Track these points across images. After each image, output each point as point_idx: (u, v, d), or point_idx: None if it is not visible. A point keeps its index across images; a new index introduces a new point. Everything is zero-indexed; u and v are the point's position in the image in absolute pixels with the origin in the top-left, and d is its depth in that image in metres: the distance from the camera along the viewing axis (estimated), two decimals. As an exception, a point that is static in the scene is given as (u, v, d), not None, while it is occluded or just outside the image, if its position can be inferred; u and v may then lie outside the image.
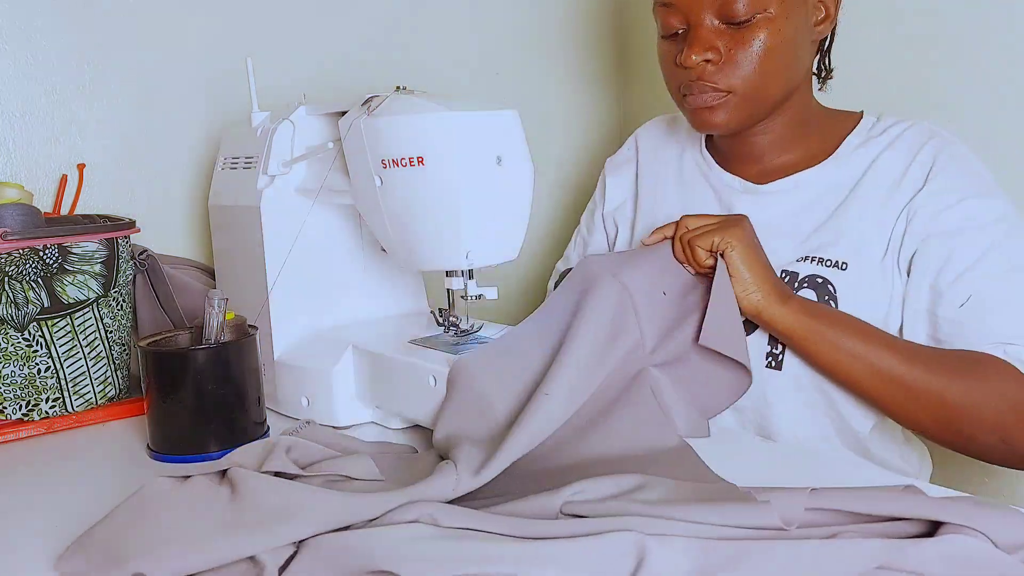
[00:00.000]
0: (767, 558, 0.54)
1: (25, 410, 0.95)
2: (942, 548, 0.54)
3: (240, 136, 1.03)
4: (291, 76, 1.25)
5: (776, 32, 0.95)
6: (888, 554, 0.53)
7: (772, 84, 0.97)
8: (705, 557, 0.55)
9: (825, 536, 0.57)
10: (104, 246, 0.98)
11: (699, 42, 0.95)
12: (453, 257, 0.84)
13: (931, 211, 0.93)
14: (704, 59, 0.95)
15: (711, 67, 0.96)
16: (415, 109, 0.83)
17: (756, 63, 0.95)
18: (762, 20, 0.94)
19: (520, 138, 0.86)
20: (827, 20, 1.00)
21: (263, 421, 0.89)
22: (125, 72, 1.16)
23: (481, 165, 0.83)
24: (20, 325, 0.94)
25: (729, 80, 0.96)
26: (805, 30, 0.98)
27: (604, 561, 0.55)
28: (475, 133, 0.83)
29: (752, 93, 0.97)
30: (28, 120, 1.11)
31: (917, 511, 0.57)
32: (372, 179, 0.86)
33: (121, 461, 0.87)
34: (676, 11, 0.97)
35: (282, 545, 0.61)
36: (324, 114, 0.98)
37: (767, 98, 0.98)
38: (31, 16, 1.10)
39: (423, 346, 0.88)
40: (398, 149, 0.83)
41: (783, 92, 0.99)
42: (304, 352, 0.95)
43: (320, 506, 0.63)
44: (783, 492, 0.61)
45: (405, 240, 0.87)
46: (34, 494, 0.79)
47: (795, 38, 0.97)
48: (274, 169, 0.96)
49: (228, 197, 1.02)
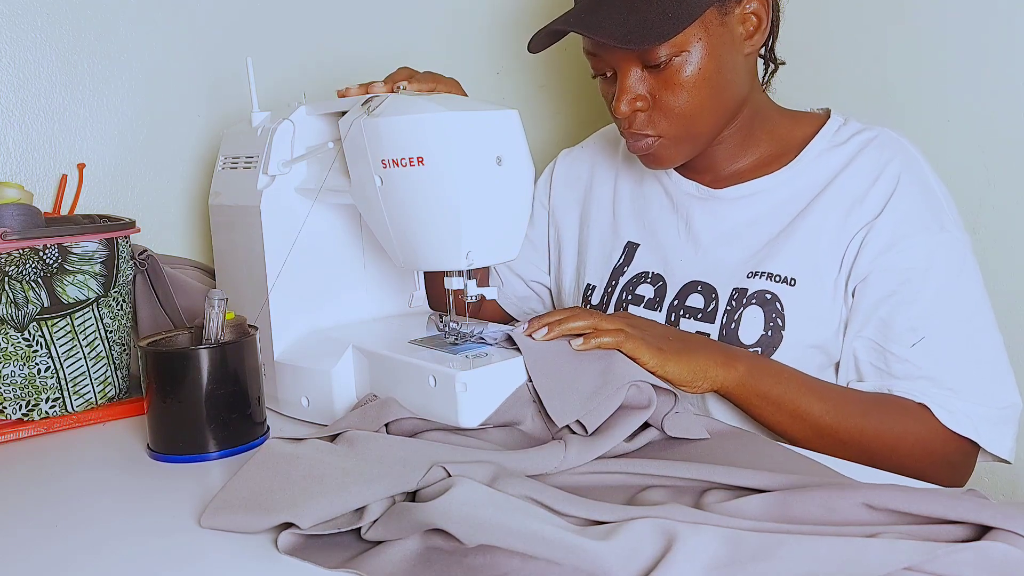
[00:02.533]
0: (799, 550, 0.54)
1: (25, 410, 0.95)
2: (975, 555, 0.53)
3: (240, 136, 1.03)
4: (292, 76, 1.25)
5: (698, 69, 0.94)
6: (918, 556, 0.53)
7: (704, 117, 0.97)
8: (736, 547, 0.55)
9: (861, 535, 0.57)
10: (104, 246, 0.98)
11: (625, 92, 0.96)
12: (453, 257, 0.84)
13: (887, 241, 0.92)
14: (633, 109, 0.96)
15: (641, 115, 0.97)
16: (415, 109, 0.83)
17: (684, 104, 0.95)
18: (682, 60, 0.93)
19: (521, 138, 0.86)
20: (759, 30, 0.97)
21: (263, 421, 0.89)
22: (125, 72, 1.16)
23: (481, 165, 0.83)
24: (20, 325, 0.94)
25: (659, 126, 0.96)
26: (733, 52, 0.96)
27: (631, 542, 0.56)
28: (475, 133, 0.83)
29: (684, 132, 0.97)
30: (28, 120, 1.11)
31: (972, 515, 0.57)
32: (372, 179, 0.85)
33: (121, 461, 0.87)
34: (601, 59, 0.98)
35: (401, 492, 0.67)
36: (324, 114, 0.98)
37: (703, 130, 0.98)
38: (31, 16, 1.10)
39: (424, 346, 0.88)
40: (398, 149, 0.83)
41: (720, 119, 0.99)
42: (304, 352, 0.95)
43: (438, 456, 0.71)
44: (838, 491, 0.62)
45: (405, 240, 0.87)
46: (34, 494, 0.79)
47: (720, 66, 0.95)
48: (274, 169, 0.96)
49: (228, 197, 1.02)
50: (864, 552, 0.53)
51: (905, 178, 0.94)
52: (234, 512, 0.68)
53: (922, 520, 0.59)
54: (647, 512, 0.61)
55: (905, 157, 0.96)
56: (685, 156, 1.00)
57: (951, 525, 0.58)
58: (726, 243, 1.01)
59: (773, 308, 0.95)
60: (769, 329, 0.95)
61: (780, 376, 0.89)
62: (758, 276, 0.97)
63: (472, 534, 0.58)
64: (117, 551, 0.67)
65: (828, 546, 0.54)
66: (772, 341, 0.95)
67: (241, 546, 0.65)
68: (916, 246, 0.92)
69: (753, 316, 0.96)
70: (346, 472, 0.69)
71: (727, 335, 0.97)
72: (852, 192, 0.96)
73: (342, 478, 0.68)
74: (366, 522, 0.64)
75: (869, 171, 0.96)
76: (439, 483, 0.66)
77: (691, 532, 0.56)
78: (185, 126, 1.21)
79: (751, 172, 1.03)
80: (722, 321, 0.97)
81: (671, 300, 1.02)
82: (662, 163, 1.00)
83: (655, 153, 0.99)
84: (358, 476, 0.68)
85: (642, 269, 1.07)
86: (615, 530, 0.57)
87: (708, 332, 0.98)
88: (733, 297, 0.97)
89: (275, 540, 0.64)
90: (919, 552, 0.53)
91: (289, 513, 0.64)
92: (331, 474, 0.69)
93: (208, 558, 0.65)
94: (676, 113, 0.95)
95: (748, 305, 0.96)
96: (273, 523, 0.65)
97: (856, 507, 0.60)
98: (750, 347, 0.95)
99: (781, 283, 0.96)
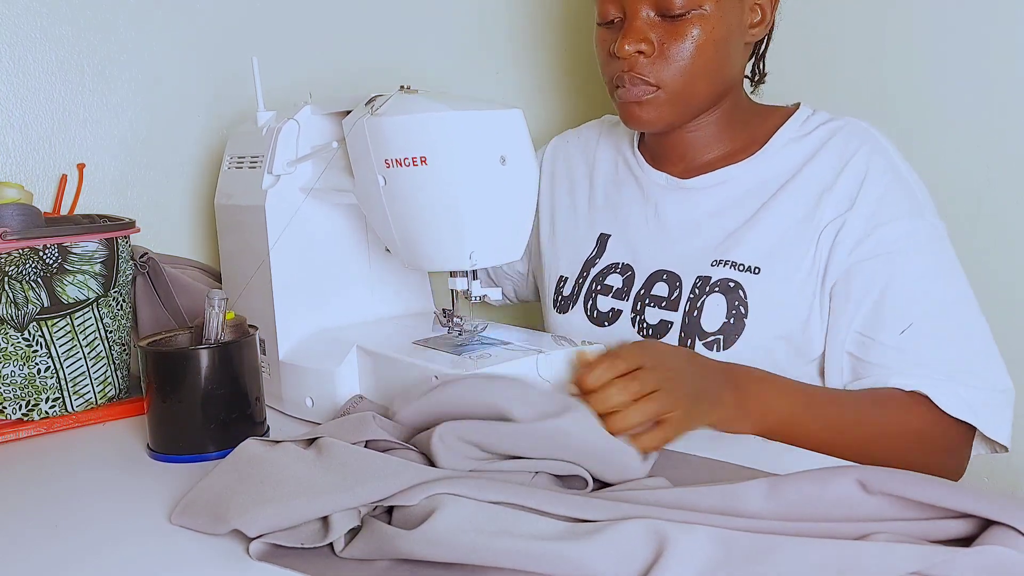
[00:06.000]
0: (792, 555, 0.54)
1: (25, 410, 0.95)
2: (973, 559, 0.52)
3: (246, 136, 1.03)
4: (297, 76, 1.25)
5: (709, 30, 0.95)
6: (915, 563, 0.52)
7: (701, 82, 0.97)
8: (729, 549, 0.55)
9: (855, 536, 0.57)
10: (104, 246, 0.98)
11: (633, 32, 0.96)
12: (456, 257, 0.84)
13: (861, 233, 0.92)
14: (637, 50, 0.96)
15: (643, 59, 0.96)
16: (418, 108, 0.83)
17: (687, 59, 0.95)
18: (696, 16, 0.94)
19: (525, 138, 0.86)
20: (762, 23, 1.00)
21: (263, 421, 0.89)
22: (126, 72, 1.16)
23: (485, 165, 0.82)
24: (20, 325, 0.94)
25: (659, 74, 0.96)
26: (739, 32, 0.98)
27: (624, 549, 0.55)
28: (478, 133, 0.82)
29: (681, 89, 0.97)
30: (28, 120, 1.11)
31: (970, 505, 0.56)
32: (376, 179, 0.85)
33: (121, 461, 0.87)
34: (613, 1, 0.98)
35: (357, 506, 0.64)
36: (329, 113, 0.98)
37: (695, 95, 0.98)
38: (31, 16, 1.10)
39: (427, 347, 0.88)
40: (401, 149, 0.83)
41: (712, 92, 0.99)
42: (309, 352, 0.95)
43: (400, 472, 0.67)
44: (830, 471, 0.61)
45: (408, 240, 0.86)
46: (34, 494, 0.79)
47: (728, 38, 0.97)
48: (279, 168, 0.96)
49: (234, 197, 1.02)
50: (858, 557, 0.53)
51: (874, 167, 0.95)
52: (198, 513, 0.68)
53: (913, 508, 0.58)
54: (638, 511, 0.60)
55: (873, 145, 0.96)
56: (669, 121, 0.99)
57: (945, 521, 0.57)
58: (692, 232, 1.02)
59: (736, 296, 0.95)
60: (732, 317, 0.95)
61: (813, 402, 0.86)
62: (722, 264, 0.97)
63: (458, 559, 0.57)
64: (117, 551, 0.66)
65: (821, 550, 0.54)
66: (734, 329, 0.95)
67: (241, 546, 0.65)
68: (893, 233, 0.92)
69: (716, 304, 0.96)
70: (300, 481, 0.67)
71: (689, 323, 0.97)
72: (820, 181, 0.96)
73: (295, 486, 0.66)
74: (333, 538, 0.62)
75: (836, 160, 0.96)
76: (421, 505, 0.63)
77: (682, 533, 0.55)
78: (185, 126, 1.21)
79: (720, 162, 1.04)
80: (685, 309, 0.98)
81: (638, 290, 1.03)
82: (646, 120, 0.99)
83: (648, 103, 0.97)
84: (310, 486, 0.65)
85: (613, 260, 1.08)
86: (605, 533, 0.57)
87: (672, 320, 0.98)
88: (696, 285, 0.98)
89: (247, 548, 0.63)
90: (915, 557, 0.52)
91: (238, 520, 0.63)
92: (287, 481, 0.67)
93: (208, 558, 0.64)
94: (679, 67, 0.96)
95: (711, 293, 0.96)
96: (226, 528, 0.64)
97: (850, 484, 0.59)
98: (712, 335, 0.95)
99: (745, 272, 0.96)
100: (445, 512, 0.60)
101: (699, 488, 0.64)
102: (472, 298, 0.87)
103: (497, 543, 0.57)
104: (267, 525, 0.63)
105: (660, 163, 1.08)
